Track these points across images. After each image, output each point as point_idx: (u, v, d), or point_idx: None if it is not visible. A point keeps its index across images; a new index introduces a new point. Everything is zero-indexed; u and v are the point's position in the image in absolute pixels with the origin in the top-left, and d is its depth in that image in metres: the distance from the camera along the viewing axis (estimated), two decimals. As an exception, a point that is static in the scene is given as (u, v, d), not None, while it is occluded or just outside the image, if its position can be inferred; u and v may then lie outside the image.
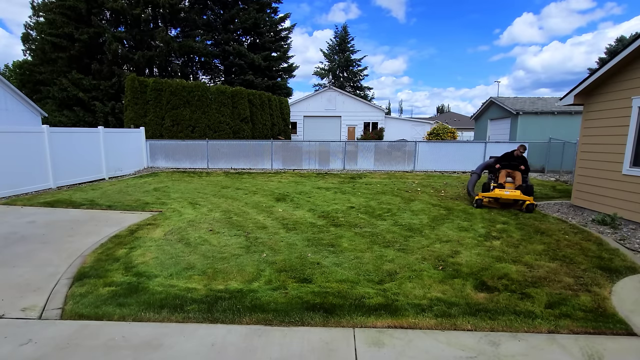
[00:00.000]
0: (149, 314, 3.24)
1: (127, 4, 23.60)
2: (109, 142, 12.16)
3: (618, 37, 40.47)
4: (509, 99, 20.23)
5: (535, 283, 3.90)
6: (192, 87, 15.93)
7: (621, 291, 3.70)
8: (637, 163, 6.17)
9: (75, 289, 3.75)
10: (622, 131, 6.41)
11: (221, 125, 16.51)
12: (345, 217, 6.77)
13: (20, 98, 18.25)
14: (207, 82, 29.49)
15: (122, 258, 4.63)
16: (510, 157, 8.09)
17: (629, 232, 5.70)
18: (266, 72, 29.44)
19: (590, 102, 7.31)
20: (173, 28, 27.57)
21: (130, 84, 15.68)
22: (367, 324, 3.10)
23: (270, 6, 29.62)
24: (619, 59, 6.35)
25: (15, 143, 9.04)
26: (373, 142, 16.50)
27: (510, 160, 8.06)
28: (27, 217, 6.71)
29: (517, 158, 7.99)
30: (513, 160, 8.02)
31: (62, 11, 23.09)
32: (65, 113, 24.04)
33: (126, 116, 16.09)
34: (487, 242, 5.29)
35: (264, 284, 3.90)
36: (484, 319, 3.16)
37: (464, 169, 14.33)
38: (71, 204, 7.86)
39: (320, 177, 12.79)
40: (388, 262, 4.50)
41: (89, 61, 24.04)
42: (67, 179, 10.50)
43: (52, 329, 3.06)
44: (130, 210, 7.40)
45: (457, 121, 44.50)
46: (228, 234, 5.70)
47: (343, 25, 45.82)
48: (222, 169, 14.97)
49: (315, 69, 47.14)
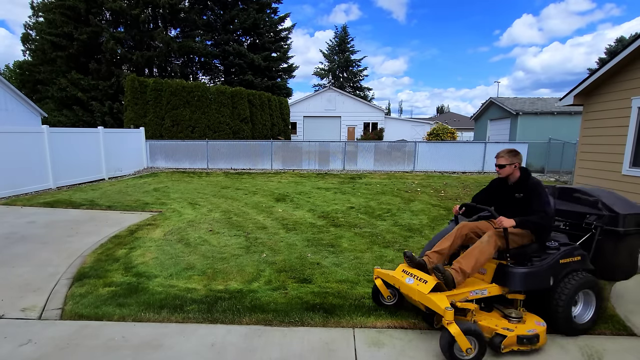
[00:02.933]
0: (149, 314, 3.24)
1: (127, 4, 23.59)
2: (108, 142, 12.15)
3: (618, 38, 40.48)
4: (508, 100, 20.25)
5: (535, 283, 3.89)
6: (192, 88, 15.93)
7: (621, 291, 3.70)
8: (637, 163, 6.17)
9: (75, 289, 3.75)
10: (622, 131, 6.42)
11: (221, 126, 16.51)
12: (345, 218, 6.77)
13: (20, 98, 18.24)
14: (207, 83, 29.47)
15: (122, 258, 4.63)
16: (499, 187, 3.30)
17: (629, 233, 5.69)
18: (266, 73, 29.43)
19: (590, 102, 7.31)
20: (173, 28, 27.57)
21: (130, 84, 15.68)
22: (367, 324, 3.10)
23: (270, 6, 29.60)
24: (618, 59, 6.36)
25: (15, 143, 9.03)
26: (373, 142, 16.51)
27: (497, 194, 3.31)
28: (27, 217, 6.70)
29: (515, 186, 3.12)
30: (505, 192, 3.21)
31: (62, 11, 23.07)
32: (64, 113, 24.04)
33: (126, 116, 16.09)
34: (486, 243, 5.28)
35: (263, 284, 3.90)
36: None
37: (463, 170, 14.34)
38: (71, 204, 7.85)
39: (320, 177, 12.79)
40: (388, 262, 4.50)
41: (87, 61, 24.02)
42: (67, 179, 10.50)
43: (51, 329, 3.06)
44: (130, 210, 7.39)
45: (457, 121, 44.50)
46: (228, 234, 5.70)
47: (343, 26, 45.76)
48: (221, 169, 14.97)
49: (315, 69, 47.14)
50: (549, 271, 2.80)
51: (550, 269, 2.80)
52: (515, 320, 2.73)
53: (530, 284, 2.78)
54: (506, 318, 2.76)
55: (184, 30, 27.23)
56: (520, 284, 2.76)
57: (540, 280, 2.79)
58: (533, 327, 2.67)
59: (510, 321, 2.73)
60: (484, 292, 2.80)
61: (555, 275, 2.81)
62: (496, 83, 64.75)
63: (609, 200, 3.24)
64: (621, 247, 3.12)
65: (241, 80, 26.83)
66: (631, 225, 3.09)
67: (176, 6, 24.82)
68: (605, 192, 3.47)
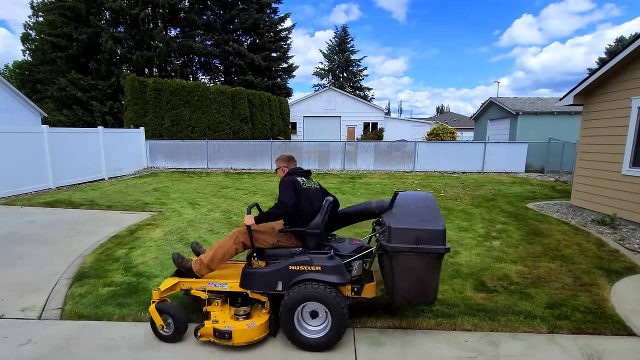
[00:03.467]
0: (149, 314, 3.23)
1: (126, 3, 23.59)
2: (108, 142, 12.15)
3: (618, 38, 40.46)
4: (508, 99, 20.24)
5: (535, 283, 3.90)
6: (191, 87, 15.93)
7: (621, 291, 3.70)
8: (637, 163, 6.17)
9: (75, 289, 3.75)
10: (622, 131, 6.41)
11: (221, 126, 16.51)
12: (345, 217, 6.76)
13: (20, 98, 18.24)
14: (206, 82, 29.44)
15: (122, 258, 4.63)
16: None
17: (629, 233, 5.70)
18: (266, 72, 29.41)
19: (590, 102, 7.31)
20: (173, 28, 27.54)
21: (130, 84, 15.67)
22: (366, 324, 3.10)
23: (270, 6, 29.58)
24: (618, 59, 6.35)
25: (15, 143, 9.03)
26: (373, 142, 16.50)
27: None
28: (26, 217, 6.70)
29: None
30: None
31: (62, 11, 23.07)
32: (64, 112, 24.04)
33: (126, 116, 16.08)
34: (486, 242, 5.29)
35: (263, 284, 3.89)
36: (483, 319, 3.16)
37: (463, 170, 14.34)
38: (71, 204, 7.85)
39: (320, 177, 12.78)
40: (388, 262, 4.50)
41: (87, 61, 24.01)
42: (67, 179, 10.49)
43: (51, 329, 3.06)
44: (130, 210, 7.39)
45: (456, 121, 44.46)
46: (228, 234, 5.69)
47: (343, 26, 45.71)
48: (221, 169, 14.97)
49: (315, 69, 47.09)
50: (276, 275, 2.73)
51: (277, 273, 2.73)
52: (242, 317, 2.78)
53: (256, 286, 2.78)
54: (236, 315, 2.81)
55: (184, 30, 27.21)
56: (245, 284, 2.80)
57: (266, 283, 2.75)
58: (235, 324, 2.70)
59: (237, 318, 2.78)
60: (224, 286, 2.89)
61: (285, 281, 2.71)
62: (496, 83, 64.85)
63: (400, 210, 2.76)
64: (396, 266, 2.61)
65: (241, 80, 26.81)
66: (400, 242, 2.53)
67: (176, 6, 24.81)
68: (413, 200, 2.91)
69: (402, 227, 2.55)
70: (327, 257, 2.74)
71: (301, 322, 2.74)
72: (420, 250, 2.50)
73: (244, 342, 2.68)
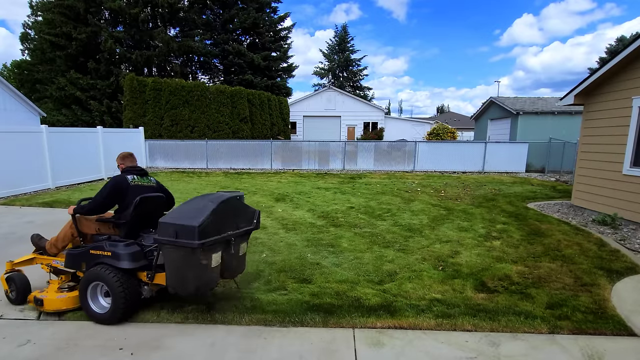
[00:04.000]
0: (148, 314, 3.23)
1: (126, 3, 23.55)
2: (107, 142, 12.13)
3: (618, 37, 40.51)
4: (509, 99, 20.23)
5: (536, 283, 3.89)
6: (191, 87, 15.91)
7: (621, 291, 3.69)
8: (638, 163, 6.16)
9: (74, 290, 3.73)
10: (623, 131, 6.41)
11: (220, 125, 16.50)
12: (345, 218, 6.76)
13: (19, 98, 18.22)
14: (206, 82, 29.41)
15: (121, 258, 4.61)
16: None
17: (629, 233, 5.69)
18: (266, 72, 29.39)
19: (591, 102, 7.30)
20: (172, 28, 27.51)
21: (129, 84, 15.65)
22: (367, 325, 3.09)
23: (269, 6, 29.56)
24: (619, 58, 6.34)
25: (14, 143, 9.01)
26: (373, 142, 16.50)
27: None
28: (25, 217, 6.69)
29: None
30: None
31: (61, 10, 23.02)
32: (63, 112, 24.00)
33: (125, 116, 16.06)
34: (487, 243, 5.28)
35: (263, 284, 3.89)
36: (483, 319, 3.16)
37: (464, 169, 14.34)
38: (70, 204, 7.83)
39: (320, 177, 12.78)
40: (388, 263, 4.49)
41: (86, 60, 23.97)
42: (66, 179, 10.48)
43: (50, 329, 3.05)
44: (129, 210, 7.36)
45: (457, 121, 44.48)
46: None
47: (343, 25, 45.56)
48: (221, 169, 14.95)
49: (315, 69, 47.01)
50: (81, 258, 3.19)
51: (81, 255, 3.19)
52: (66, 290, 3.30)
53: (70, 265, 3.28)
54: (59, 288, 3.34)
55: (184, 29, 27.18)
56: (66, 263, 3.31)
57: (75, 263, 3.23)
58: (48, 295, 3.25)
59: (61, 290, 3.31)
60: (62, 264, 3.40)
61: (88, 263, 3.14)
62: (496, 83, 64.54)
63: (179, 207, 3.01)
64: (164, 256, 2.90)
65: (241, 80, 26.80)
66: (163, 235, 2.77)
67: (175, 5, 24.77)
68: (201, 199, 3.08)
69: (165, 221, 2.81)
70: (124, 245, 3.07)
71: (95, 298, 3.13)
72: (177, 243, 2.74)
73: (52, 310, 3.18)
